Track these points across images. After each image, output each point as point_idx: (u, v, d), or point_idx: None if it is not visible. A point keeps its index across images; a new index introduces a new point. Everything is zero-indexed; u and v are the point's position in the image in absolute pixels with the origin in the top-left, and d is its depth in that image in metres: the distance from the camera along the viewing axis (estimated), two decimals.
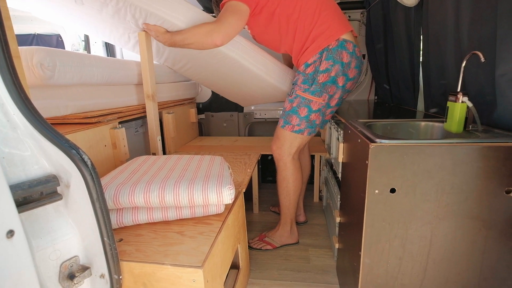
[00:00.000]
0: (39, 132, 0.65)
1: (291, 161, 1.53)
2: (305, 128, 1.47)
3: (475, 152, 0.84)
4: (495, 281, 0.93)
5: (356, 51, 1.40)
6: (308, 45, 1.39)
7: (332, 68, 1.36)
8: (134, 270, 0.84)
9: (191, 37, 1.32)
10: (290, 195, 1.59)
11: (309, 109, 1.42)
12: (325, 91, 1.40)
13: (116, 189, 0.95)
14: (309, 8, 1.37)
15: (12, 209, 0.54)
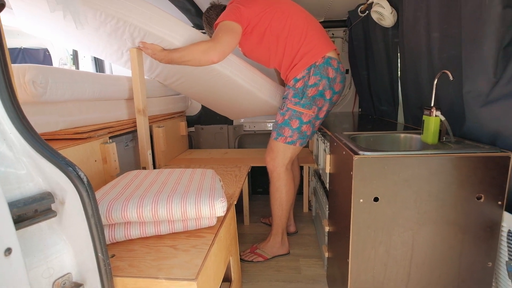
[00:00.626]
0: (35, 150, 0.67)
1: (284, 172, 1.58)
2: (297, 139, 1.53)
3: (448, 162, 0.91)
4: (472, 282, 0.99)
5: (340, 67, 1.51)
6: (296, 61, 1.48)
7: (319, 83, 1.45)
8: (127, 286, 0.85)
9: (188, 54, 1.37)
10: (283, 205, 1.63)
11: (300, 121, 1.50)
12: (314, 104, 1.48)
13: (109, 204, 0.96)
14: (297, 28, 1.47)
15: (10, 227, 0.55)
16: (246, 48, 1.60)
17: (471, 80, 0.97)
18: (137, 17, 1.29)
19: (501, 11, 0.82)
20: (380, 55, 1.82)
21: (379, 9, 1.60)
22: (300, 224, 2.15)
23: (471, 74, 0.96)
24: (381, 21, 1.65)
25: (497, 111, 0.91)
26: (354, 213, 0.96)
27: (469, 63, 0.97)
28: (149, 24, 1.32)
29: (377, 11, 1.62)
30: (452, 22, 1.03)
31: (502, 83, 0.87)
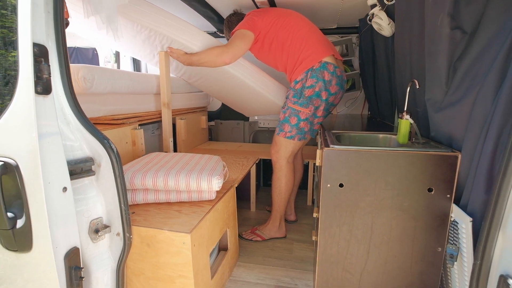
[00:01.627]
0: (83, 127, 0.97)
1: (286, 164, 1.79)
2: (296, 135, 1.74)
3: (403, 158, 1.08)
4: (424, 264, 1.15)
5: (337, 71, 1.69)
6: (297, 66, 1.71)
7: (316, 85, 1.65)
8: (141, 233, 1.14)
9: (205, 57, 1.66)
10: (282, 193, 1.84)
11: (298, 118, 1.70)
12: (311, 103, 1.68)
13: (132, 174, 1.26)
14: (299, 37, 1.70)
15: (67, 174, 0.85)
16: (258, 54, 1.86)
17: (430, 89, 1.12)
18: (166, 28, 1.60)
19: (449, 32, 0.98)
20: (382, 62, 1.96)
21: (378, 20, 1.75)
22: (302, 215, 2.34)
23: (430, 84, 1.11)
24: (381, 31, 1.80)
25: (447, 116, 1.06)
26: (322, 196, 1.16)
27: (429, 74, 1.12)
28: (175, 33, 1.62)
29: (377, 22, 1.77)
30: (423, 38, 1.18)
31: (450, 93, 1.02)
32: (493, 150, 0.88)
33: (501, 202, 0.77)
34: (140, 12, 1.50)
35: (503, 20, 0.86)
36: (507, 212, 0.78)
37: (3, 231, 0.72)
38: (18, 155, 0.70)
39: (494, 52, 0.88)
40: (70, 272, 0.83)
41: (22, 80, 0.66)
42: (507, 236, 0.78)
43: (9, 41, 0.65)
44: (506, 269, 0.80)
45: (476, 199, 0.95)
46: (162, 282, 1.15)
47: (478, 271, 0.84)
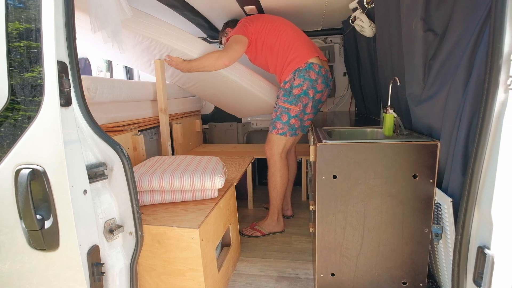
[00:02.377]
0: (96, 134, 1.04)
1: (279, 159, 1.90)
2: (288, 131, 1.85)
3: (389, 149, 1.19)
4: (413, 244, 1.26)
5: (322, 71, 1.83)
6: (285, 67, 1.84)
7: (303, 84, 1.78)
8: (151, 231, 1.21)
9: (205, 61, 1.78)
10: (277, 188, 1.94)
11: (288, 116, 1.82)
12: (300, 101, 1.80)
13: (139, 176, 1.34)
14: (286, 41, 1.83)
15: (86, 177, 0.92)
16: (251, 56, 1.99)
17: (409, 85, 1.24)
18: (166, 38, 1.68)
19: (422, 34, 1.10)
20: (365, 61, 2.09)
21: (360, 23, 1.88)
22: (298, 210, 2.44)
23: (409, 80, 1.23)
24: (363, 32, 1.92)
25: (426, 109, 1.18)
26: (318, 187, 1.27)
27: (408, 72, 1.24)
28: (175, 42, 1.71)
29: (359, 24, 1.89)
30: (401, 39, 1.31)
31: (427, 88, 1.14)
32: (466, 137, 1.00)
33: (475, 183, 0.89)
34: (142, 24, 1.59)
35: (468, 22, 0.99)
36: (480, 191, 0.90)
37: (32, 232, 0.79)
38: (45, 161, 0.77)
39: (461, 50, 1.00)
40: (93, 268, 0.90)
41: (48, 94, 0.73)
42: (482, 212, 0.90)
43: (35, 60, 0.72)
44: (482, 241, 0.92)
45: (454, 182, 1.07)
46: (173, 276, 1.23)
47: (459, 245, 0.95)
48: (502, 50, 0.81)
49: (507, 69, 0.82)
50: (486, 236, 0.90)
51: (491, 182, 0.87)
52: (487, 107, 0.85)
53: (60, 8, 0.75)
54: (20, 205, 0.79)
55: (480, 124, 0.86)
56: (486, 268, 0.88)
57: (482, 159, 0.87)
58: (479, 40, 0.93)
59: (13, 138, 0.79)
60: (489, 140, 0.86)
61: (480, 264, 0.90)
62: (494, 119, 0.85)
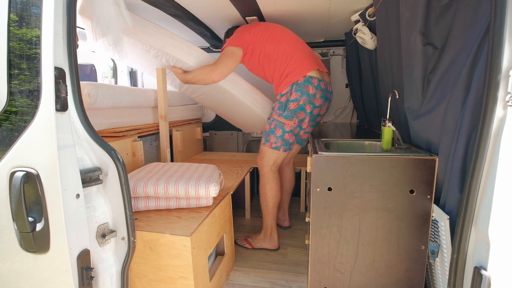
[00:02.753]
0: (92, 139, 1.05)
1: (269, 172, 1.84)
2: (281, 146, 1.80)
3: (386, 162, 1.18)
4: (409, 262, 1.23)
5: (321, 85, 1.75)
6: (283, 79, 1.78)
7: (300, 98, 1.72)
8: (144, 237, 1.21)
9: (197, 75, 1.75)
10: (267, 202, 1.86)
11: (283, 130, 1.77)
12: (295, 116, 1.75)
13: (135, 182, 1.34)
14: (285, 51, 1.77)
15: (79, 182, 0.92)
16: (249, 66, 1.94)
17: (408, 99, 1.24)
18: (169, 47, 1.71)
19: (422, 48, 1.10)
20: (367, 73, 2.09)
21: (361, 35, 1.89)
22: (296, 221, 2.42)
23: (408, 94, 1.23)
24: (365, 44, 1.94)
25: (425, 123, 1.17)
26: (313, 199, 1.25)
27: (407, 85, 1.24)
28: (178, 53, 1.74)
29: (360, 36, 1.91)
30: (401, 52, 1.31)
31: (426, 102, 1.14)
32: (464, 153, 0.99)
33: (472, 200, 0.87)
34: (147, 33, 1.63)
35: (467, 36, 0.99)
36: (477, 209, 0.88)
37: (24, 234, 0.79)
38: (39, 165, 0.77)
39: (460, 65, 1.00)
40: (82, 272, 0.90)
41: (45, 99, 0.74)
42: (479, 231, 0.88)
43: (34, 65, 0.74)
44: (479, 261, 0.90)
45: (452, 198, 1.05)
46: (164, 284, 1.21)
47: (455, 264, 0.93)
48: (501, 66, 0.81)
49: (505, 85, 0.81)
50: (483, 256, 0.88)
51: (489, 200, 0.85)
52: (485, 124, 0.84)
53: (60, 16, 0.77)
54: (13, 206, 0.79)
55: (478, 141, 0.85)
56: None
57: (480, 176, 0.86)
58: (478, 55, 0.93)
59: (10, 140, 0.80)
60: (487, 157, 0.85)
61: (476, 285, 0.87)
62: (492, 136, 0.84)
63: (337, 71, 2.84)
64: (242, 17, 2.03)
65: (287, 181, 2.14)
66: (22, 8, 0.73)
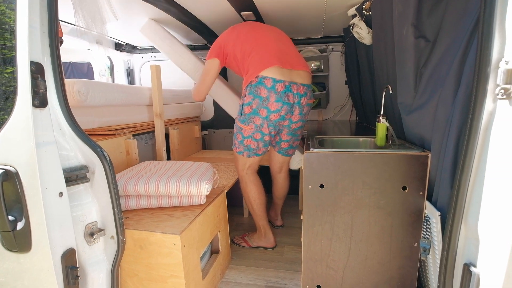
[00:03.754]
0: (78, 137, 1.04)
1: (244, 175, 1.79)
2: (244, 151, 1.71)
3: (378, 159, 1.16)
4: (401, 258, 1.21)
5: (277, 86, 1.51)
6: (244, 79, 1.65)
7: (253, 102, 1.56)
8: (134, 236, 1.20)
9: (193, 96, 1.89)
10: (251, 203, 1.82)
11: (242, 135, 1.67)
12: (251, 121, 1.60)
13: (125, 180, 1.33)
14: (246, 50, 1.63)
15: (63, 181, 0.92)
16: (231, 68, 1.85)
17: (401, 94, 1.21)
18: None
19: (414, 41, 1.07)
20: (364, 69, 2.06)
21: (358, 30, 1.86)
22: (294, 219, 2.40)
23: (401, 88, 1.20)
24: (361, 39, 1.90)
25: (417, 119, 1.14)
26: (305, 196, 1.24)
27: (400, 80, 1.21)
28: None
29: (357, 31, 1.88)
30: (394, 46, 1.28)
31: (418, 97, 1.11)
32: (455, 148, 0.96)
33: (461, 196, 0.85)
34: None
35: (458, 28, 0.96)
36: (467, 205, 0.86)
37: (4, 233, 0.79)
38: (17, 163, 0.77)
39: (451, 58, 0.97)
40: (67, 271, 0.89)
41: (21, 95, 0.74)
42: (469, 227, 0.86)
43: (9, 60, 0.73)
44: (469, 257, 0.87)
45: (443, 195, 1.03)
46: (155, 283, 1.21)
47: (445, 261, 0.91)
48: (490, 57, 0.78)
49: (495, 77, 0.78)
50: (473, 252, 0.86)
51: (478, 195, 0.83)
52: (474, 118, 0.82)
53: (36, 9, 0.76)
54: None
55: (468, 135, 0.83)
56: (471, 287, 0.83)
57: (470, 172, 0.83)
58: (469, 47, 0.90)
59: None
60: (476, 152, 0.83)
61: (465, 282, 0.85)
62: (481, 130, 0.82)
63: (336, 67, 2.80)
64: (237, 12, 2.01)
65: (278, 188, 2.07)
66: None
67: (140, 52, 2.95)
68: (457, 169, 0.85)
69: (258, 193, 1.80)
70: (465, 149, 0.83)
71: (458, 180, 0.85)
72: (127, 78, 2.92)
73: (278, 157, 1.94)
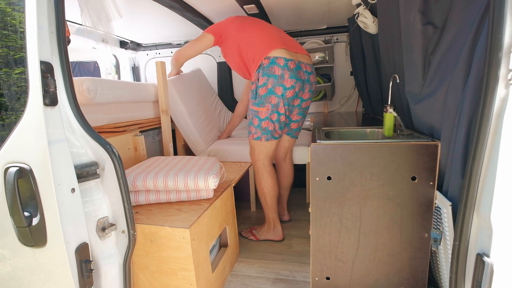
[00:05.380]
0: (88, 134, 1.06)
1: (261, 166, 1.79)
2: (262, 135, 1.72)
3: (386, 149, 1.14)
4: (412, 250, 1.20)
5: (289, 64, 1.61)
6: (251, 66, 1.72)
7: (268, 82, 1.61)
8: (144, 230, 1.22)
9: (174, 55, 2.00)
10: (265, 195, 1.83)
11: (259, 119, 1.70)
12: (267, 101, 1.65)
13: (134, 176, 1.35)
14: (250, 37, 1.71)
15: (75, 177, 0.93)
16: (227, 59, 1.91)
17: (409, 83, 1.19)
18: None
19: (421, 28, 1.05)
20: (370, 59, 2.03)
21: (363, 19, 1.83)
22: (301, 212, 2.40)
23: (408, 77, 1.18)
24: (367, 29, 1.87)
25: (426, 107, 1.12)
26: (312, 189, 1.23)
27: (407, 68, 1.19)
28: None
29: (362, 20, 1.84)
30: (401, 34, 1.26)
31: (427, 85, 1.09)
32: (466, 137, 0.94)
33: (473, 185, 0.84)
34: None
35: (467, 12, 0.93)
36: (479, 194, 0.84)
37: (21, 229, 0.81)
38: (31, 160, 0.79)
39: (461, 44, 0.95)
40: (81, 265, 0.92)
41: (32, 94, 0.75)
42: (481, 217, 0.85)
43: (20, 61, 0.74)
44: (481, 247, 0.86)
45: (454, 184, 1.01)
46: (166, 275, 1.23)
47: (457, 251, 0.90)
48: (502, 42, 0.76)
49: (507, 63, 0.76)
50: (486, 242, 0.84)
51: (491, 184, 0.81)
52: (486, 104, 0.80)
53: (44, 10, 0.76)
54: (9, 202, 0.81)
55: (479, 123, 0.81)
56: (484, 277, 0.83)
57: (481, 160, 0.82)
58: (479, 33, 0.88)
59: (2, 137, 0.82)
60: (488, 140, 0.81)
61: (478, 272, 0.84)
62: (493, 117, 0.80)
63: (341, 58, 2.77)
64: (240, 6, 2.00)
65: (284, 177, 2.07)
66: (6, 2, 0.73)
67: (145, 50, 2.96)
68: (468, 158, 0.84)
69: (273, 185, 1.82)
70: (477, 137, 0.82)
71: (469, 169, 0.83)
72: (133, 75, 2.94)
73: (284, 142, 1.97)
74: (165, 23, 2.30)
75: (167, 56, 2.96)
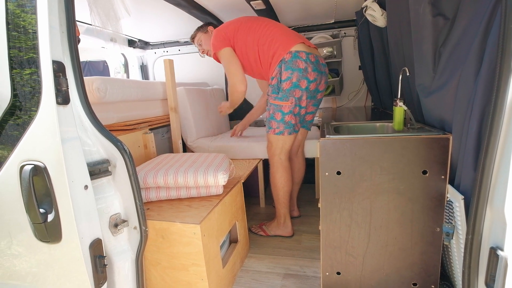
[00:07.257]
0: (99, 132, 1.08)
1: (278, 161, 1.80)
2: (284, 129, 1.74)
3: (396, 143, 1.13)
4: (424, 244, 1.19)
5: (310, 57, 1.66)
6: (270, 62, 1.73)
7: (292, 76, 1.63)
8: (155, 226, 1.24)
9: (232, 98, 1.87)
10: (278, 190, 1.84)
11: (282, 113, 1.71)
12: (291, 95, 1.67)
13: (145, 173, 1.37)
14: (263, 35, 1.72)
15: (87, 174, 0.96)
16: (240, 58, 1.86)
17: (419, 75, 1.16)
18: None
19: (431, 19, 1.02)
20: (379, 52, 2.00)
21: (371, 12, 1.80)
22: (310, 208, 2.40)
23: (419, 70, 1.16)
24: (375, 22, 1.84)
25: (436, 100, 1.10)
26: (322, 184, 1.23)
27: (417, 61, 1.16)
28: None
29: (370, 13, 1.81)
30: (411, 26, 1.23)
31: (437, 77, 1.06)
32: (478, 129, 0.92)
33: (486, 178, 0.82)
34: None
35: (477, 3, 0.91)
36: (492, 187, 0.83)
37: (36, 225, 0.84)
38: (45, 158, 0.81)
39: (472, 34, 0.92)
40: (95, 260, 0.94)
41: (45, 93, 0.77)
42: (494, 209, 0.83)
43: (32, 61, 0.76)
44: (495, 241, 0.85)
45: (466, 178, 1.00)
46: (177, 271, 1.25)
47: (470, 245, 0.89)
48: None
49: None
50: (499, 236, 0.83)
51: (505, 177, 0.80)
52: (498, 96, 0.78)
53: (55, 10, 0.78)
54: (24, 199, 0.84)
55: (492, 114, 0.79)
56: (498, 271, 0.81)
57: (494, 152, 0.80)
58: (491, 22, 0.86)
59: (18, 135, 0.84)
60: (501, 131, 0.79)
61: (492, 266, 0.83)
62: (507, 109, 0.78)
63: (349, 53, 2.73)
64: (247, 2, 1.99)
65: (295, 171, 2.08)
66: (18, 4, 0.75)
67: (153, 48, 2.98)
68: (481, 151, 0.82)
69: (288, 180, 1.83)
70: (489, 129, 0.80)
71: (482, 162, 0.82)
72: (141, 74, 2.97)
73: (298, 134, 1.97)
74: (172, 21, 2.32)
75: (175, 54, 2.97)
